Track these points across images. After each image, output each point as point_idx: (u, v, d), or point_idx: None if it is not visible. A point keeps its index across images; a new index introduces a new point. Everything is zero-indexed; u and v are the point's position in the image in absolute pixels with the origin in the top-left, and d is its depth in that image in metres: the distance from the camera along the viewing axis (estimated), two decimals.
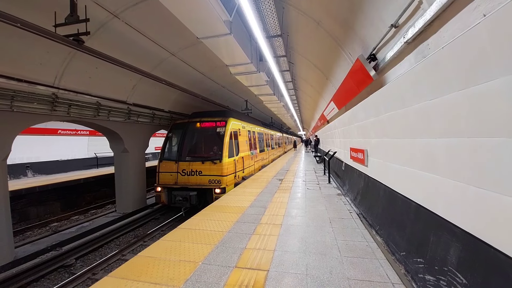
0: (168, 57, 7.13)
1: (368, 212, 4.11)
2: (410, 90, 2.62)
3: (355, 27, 3.81)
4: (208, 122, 8.32)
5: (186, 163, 7.66)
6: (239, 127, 9.10)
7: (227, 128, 7.97)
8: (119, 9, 4.90)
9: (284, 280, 2.42)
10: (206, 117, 8.60)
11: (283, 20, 5.31)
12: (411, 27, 2.31)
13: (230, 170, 7.72)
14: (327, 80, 7.27)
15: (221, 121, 8.22)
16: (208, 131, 8.36)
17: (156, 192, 7.79)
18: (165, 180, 7.74)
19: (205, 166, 7.46)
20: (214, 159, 7.44)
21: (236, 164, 8.28)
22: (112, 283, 2.46)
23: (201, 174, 7.46)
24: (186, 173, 7.55)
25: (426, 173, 2.43)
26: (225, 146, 7.62)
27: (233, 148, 8.13)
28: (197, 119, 8.57)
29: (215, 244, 3.29)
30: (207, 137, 8.42)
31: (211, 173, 7.35)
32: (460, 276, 1.80)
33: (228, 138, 7.83)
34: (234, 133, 8.42)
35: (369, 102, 4.04)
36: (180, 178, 7.58)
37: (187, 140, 8.23)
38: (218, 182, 7.27)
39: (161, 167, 7.93)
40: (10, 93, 4.91)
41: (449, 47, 1.86)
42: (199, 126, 8.37)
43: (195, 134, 8.50)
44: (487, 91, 1.57)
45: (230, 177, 7.68)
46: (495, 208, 1.56)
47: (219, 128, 8.07)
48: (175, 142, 8.31)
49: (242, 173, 8.93)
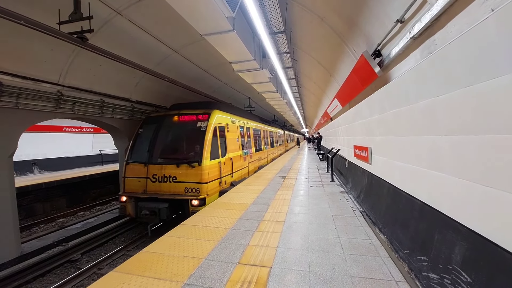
0: (171, 54, 7.13)
1: (371, 210, 4.09)
2: (416, 87, 2.58)
3: (359, 22, 3.76)
4: (188, 115, 6.76)
5: (158, 166, 6.08)
6: (227, 122, 7.55)
7: (210, 122, 6.45)
8: (122, 6, 4.90)
9: (287, 277, 2.43)
10: (186, 109, 7.09)
11: (287, 16, 5.26)
12: (418, 22, 2.27)
13: (213, 175, 6.17)
14: (330, 77, 7.20)
15: (203, 114, 6.65)
16: (186, 126, 6.78)
17: (121, 202, 6.15)
18: (132, 187, 6.19)
19: (180, 170, 5.90)
20: (192, 162, 5.87)
21: (222, 167, 6.71)
22: (117, 278, 2.50)
23: (175, 181, 5.88)
24: (157, 179, 5.99)
25: (431, 171, 2.40)
26: (206, 145, 6.07)
27: (218, 147, 6.63)
28: (175, 111, 7.05)
29: (218, 240, 3.32)
30: (186, 134, 6.80)
31: (188, 180, 5.81)
32: (464, 274, 1.78)
33: (210, 135, 6.29)
34: (220, 128, 6.89)
35: (374, 99, 4.00)
36: (150, 186, 6.01)
37: (161, 137, 6.69)
38: (196, 191, 5.72)
39: (127, 171, 6.35)
40: (16, 91, 4.97)
41: (456, 42, 1.82)
42: (177, 120, 6.82)
43: (171, 130, 6.91)
44: (495, 87, 1.54)
45: (213, 185, 6.12)
46: (503, 206, 1.54)
47: (200, 122, 6.50)
48: (146, 140, 6.72)
49: (230, 177, 7.33)
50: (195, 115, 6.72)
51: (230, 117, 8.02)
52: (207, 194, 5.76)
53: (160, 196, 5.73)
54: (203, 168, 5.84)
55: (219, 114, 7.10)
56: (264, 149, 13.03)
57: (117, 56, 5.51)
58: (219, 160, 6.58)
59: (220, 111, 7.25)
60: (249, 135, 10.16)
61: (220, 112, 7.20)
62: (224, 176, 6.83)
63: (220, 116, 7.09)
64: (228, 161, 7.25)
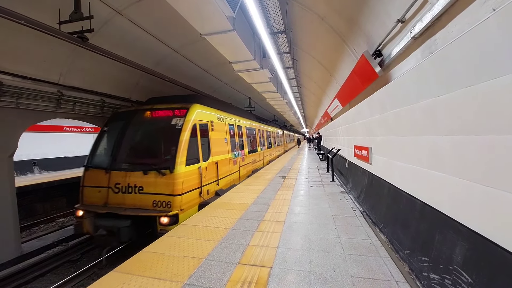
0: (171, 53, 7.12)
1: (372, 210, 4.09)
2: (417, 87, 2.57)
3: (360, 22, 3.75)
4: (162, 111, 5.58)
5: (122, 173, 4.89)
6: (211, 119, 6.39)
7: (188, 119, 5.27)
8: (123, 6, 4.89)
9: (287, 277, 2.43)
10: (161, 104, 5.92)
11: (287, 16, 5.25)
12: (419, 22, 2.26)
13: (190, 184, 5.00)
14: (331, 77, 7.20)
15: (180, 109, 5.47)
16: (159, 123, 5.60)
17: (77, 217, 4.90)
18: (92, 198, 4.97)
19: (148, 178, 4.70)
20: (162, 168, 4.69)
21: (204, 173, 5.55)
22: (117, 277, 2.50)
23: (141, 192, 4.67)
24: (120, 190, 4.78)
25: (432, 171, 2.39)
26: (181, 146, 4.89)
27: (199, 149, 5.50)
28: (147, 106, 5.93)
29: (219, 240, 3.31)
30: (158, 133, 5.62)
31: (157, 190, 4.61)
32: (465, 275, 1.78)
33: (188, 135, 5.10)
34: (202, 126, 5.75)
35: (374, 99, 3.99)
36: (112, 197, 4.81)
37: (128, 137, 5.46)
38: (166, 206, 4.54)
39: (86, 178, 5.20)
40: (16, 91, 4.96)
41: (457, 42, 1.82)
42: (149, 116, 5.64)
43: (141, 129, 5.73)
44: (497, 87, 1.53)
45: (190, 197, 4.91)
46: (503, 206, 1.54)
47: (176, 119, 5.32)
48: (111, 140, 5.60)
49: (215, 185, 6.16)
50: (170, 110, 5.48)
51: (215, 113, 6.80)
52: (181, 209, 4.56)
53: (121, 212, 4.50)
54: (176, 176, 4.63)
55: (201, 109, 5.90)
56: (259, 150, 11.83)
57: (117, 56, 5.51)
58: (199, 165, 5.37)
59: (202, 106, 6.05)
60: (241, 135, 9.04)
61: (202, 107, 5.99)
62: (206, 184, 5.66)
63: (201, 112, 5.90)
64: (212, 166, 6.09)
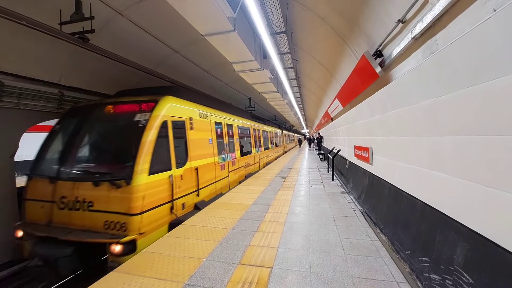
0: (172, 54, 7.13)
1: (372, 211, 4.08)
2: (417, 87, 2.57)
3: (360, 22, 3.75)
4: (126, 104, 4.39)
5: (69, 183, 3.78)
6: (190, 115, 5.21)
7: (156, 114, 4.13)
8: (123, 6, 4.91)
9: (288, 278, 2.43)
10: (130, 97, 4.72)
11: (287, 17, 5.26)
12: (419, 22, 2.26)
13: (156, 198, 3.86)
14: (331, 77, 7.20)
15: (148, 102, 4.32)
16: (121, 120, 4.39)
17: (16, 238, 3.76)
18: (34, 215, 3.90)
19: (99, 191, 3.62)
20: (116, 179, 3.60)
21: (178, 183, 4.41)
22: (117, 278, 2.50)
23: (91, 209, 3.60)
24: (66, 205, 3.69)
25: (432, 171, 2.39)
26: (143, 150, 3.76)
27: (170, 152, 4.34)
28: (111, 100, 4.73)
29: (219, 240, 3.31)
30: (118, 133, 4.44)
31: (109, 208, 3.54)
32: (466, 275, 1.78)
33: (154, 134, 3.95)
34: (175, 124, 4.57)
35: (375, 99, 3.99)
36: (56, 214, 3.73)
37: (82, 138, 4.36)
38: (121, 228, 3.45)
39: (29, 189, 4.09)
40: (17, 91, 4.98)
41: (458, 42, 1.82)
42: (110, 111, 4.40)
43: (98, 127, 4.57)
44: (498, 87, 1.53)
45: (155, 215, 3.80)
46: (505, 207, 1.53)
47: (141, 114, 4.18)
48: (61, 142, 4.47)
49: (195, 197, 4.97)
50: (136, 104, 4.33)
51: (197, 109, 5.59)
52: (141, 233, 3.45)
53: (62, 236, 3.39)
54: (134, 189, 3.49)
55: (176, 102, 4.72)
56: (254, 152, 10.66)
57: (118, 56, 5.52)
58: (170, 173, 4.22)
59: (177, 99, 4.86)
60: (231, 135, 7.78)
61: (177, 100, 4.81)
62: (181, 196, 4.48)
63: (176, 106, 4.70)
64: (191, 173, 4.90)
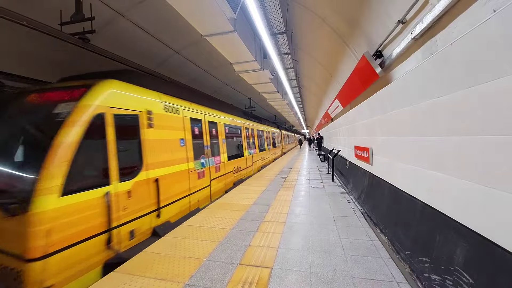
0: (173, 55, 7.15)
1: (372, 211, 4.09)
2: (417, 88, 2.58)
3: (361, 23, 3.76)
4: (53, 92, 3.24)
5: None
6: (148, 107, 3.89)
7: (84, 104, 2.96)
8: (124, 8, 4.92)
9: (288, 278, 2.43)
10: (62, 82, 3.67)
11: (288, 17, 5.27)
12: (419, 23, 2.27)
13: (76, 230, 2.62)
14: (331, 77, 7.21)
15: (79, 88, 3.16)
16: (40, 113, 3.16)
17: None
18: None
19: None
20: (7, 202, 2.40)
21: (123, 203, 3.24)
22: (118, 278, 2.50)
23: None
24: None
25: (433, 172, 2.39)
26: (53, 157, 2.52)
27: (108, 159, 3.13)
28: (36, 87, 3.54)
29: (219, 241, 3.31)
30: (31, 131, 3.11)
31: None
32: (466, 275, 1.78)
33: (77, 133, 2.77)
34: (120, 119, 3.38)
35: (375, 100, 4.00)
36: None
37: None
38: (16, 279, 2.24)
39: None
40: None
41: (458, 43, 1.82)
42: (32, 102, 3.28)
43: (13, 123, 3.24)
44: (498, 88, 1.53)
45: (74, 257, 2.58)
46: (505, 207, 1.54)
47: (64, 105, 3.00)
48: None
49: (154, 218, 3.78)
50: (64, 91, 3.18)
51: (160, 100, 4.21)
52: (49, 286, 2.32)
53: None
54: (34, 220, 2.30)
55: (121, 89, 3.47)
56: (246, 154, 9.26)
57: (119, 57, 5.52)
58: (106, 189, 3.03)
59: (125, 84, 3.59)
60: (216, 135, 6.43)
61: (123, 86, 3.53)
62: (128, 221, 3.31)
63: (121, 94, 3.45)
64: (146, 186, 3.67)
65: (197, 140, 5.40)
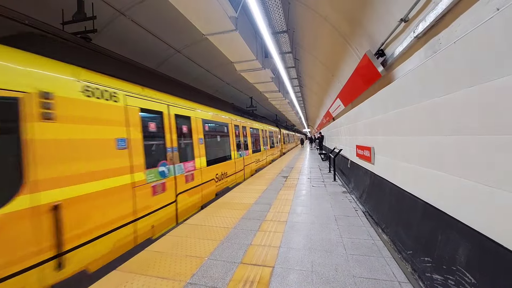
0: (174, 54, 7.15)
1: (374, 210, 4.08)
2: (420, 86, 2.56)
3: (363, 22, 3.74)
4: None
5: None
6: (44, 87, 2.37)
7: None
8: (126, 7, 4.92)
9: (289, 277, 2.43)
10: None
11: (289, 16, 5.26)
12: (422, 21, 2.25)
13: None
14: (333, 76, 7.18)
15: None
16: None
17: None
18: None
19: None
20: None
21: None
22: (120, 276, 2.51)
23: None
24: None
25: (435, 171, 2.38)
26: None
27: None
28: None
29: (221, 240, 3.32)
30: None
31: None
32: (469, 275, 1.77)
33: None
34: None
35: (377, 99, 3.98)
36: None
37: None
38: None
39: None
40: None
41: (461, 41, 1.81)
42: None
43: None
44: (500, 87, 1.52)
45: None
46: (507, 207, 1.53)
47: None
48: None
49: (49, 271, 2.26)
50: None
51: (73, 77, 2.74)
52: None
53: None
54: None
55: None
56: (236, 157, 8.02)
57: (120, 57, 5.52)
58: None
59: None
60: (189, 133, 5.12)
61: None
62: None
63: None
64: (29, 220, 2.15)
65: (154, 141, 4.03)
